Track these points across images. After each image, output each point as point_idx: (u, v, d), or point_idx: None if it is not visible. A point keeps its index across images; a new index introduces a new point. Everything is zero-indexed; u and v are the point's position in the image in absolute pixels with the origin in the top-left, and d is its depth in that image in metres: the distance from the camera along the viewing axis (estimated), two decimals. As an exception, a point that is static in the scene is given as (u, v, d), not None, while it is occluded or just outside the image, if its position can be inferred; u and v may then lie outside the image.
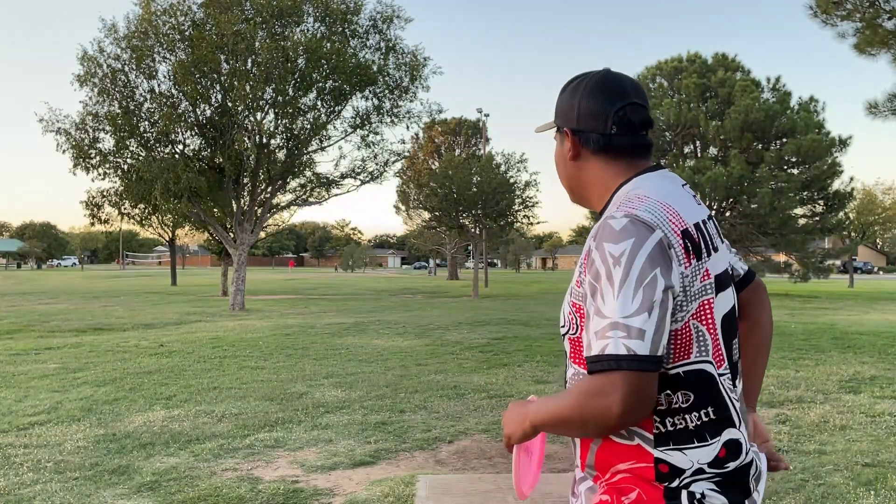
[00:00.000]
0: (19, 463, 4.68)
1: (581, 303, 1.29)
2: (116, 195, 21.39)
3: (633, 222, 1.21)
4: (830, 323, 14.73)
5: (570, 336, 1.35)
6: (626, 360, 1.13)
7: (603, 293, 1.18)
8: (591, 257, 1.23)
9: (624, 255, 1.19)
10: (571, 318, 1.33)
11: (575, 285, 1.32)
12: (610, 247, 1.20)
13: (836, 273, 48.08)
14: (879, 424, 5.64)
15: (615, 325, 1.15)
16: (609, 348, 1.14)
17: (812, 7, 11.99)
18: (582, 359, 1.32)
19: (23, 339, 12.37)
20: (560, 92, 1.46)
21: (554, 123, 1.47)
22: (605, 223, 1.24)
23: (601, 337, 1.16)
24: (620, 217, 1.23)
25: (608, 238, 1.21)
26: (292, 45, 18.89)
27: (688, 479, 1.25)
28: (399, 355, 9.84)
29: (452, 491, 4.09)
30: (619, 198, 1.34)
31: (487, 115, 42.84)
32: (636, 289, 1.16)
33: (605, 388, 1.14)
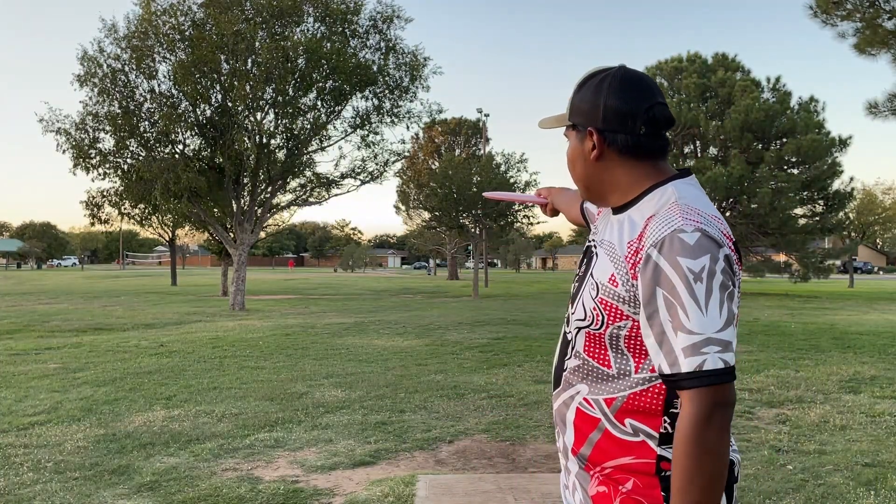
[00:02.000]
0: (19, 463, 4.68)
1: (615, 302, 1.30)
2: (116, 195, 21.36)
3: (704, 237, 1.22)
4: (830, 323, 14.73)
5: (589, 330, 1.36)
6: (727, 374, 1.18)
7: (686, 308, 1.19)
8: (658, 269, 1.22)
9: (704, 271, 1.19)
10: (597, 315, 1.33)
11: (608, 282, 1.31)
12: (687, 262, 1.20)
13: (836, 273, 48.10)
14: (879, 424, 5.64)
15: (709, 340, 1.17)
16: (708, 364, 1.17)
17: (812, 7, 12.00)
18: (598, 353, 1.35)
19: (23, 339, 12.37)
20: (577, 88, 1.42)
21: (568, 121, 1.43)
22: (675, 237, 1.21)
23: (694, 353, 1.18)
24: (692, 231, 1.22)
25: (683, 253, 1.20)
26: (292, 45, 18.89)
27: None
28: (399, 355, 9.84)
29: (452, 491, 4.09)
30: (663, 202, 1.31)
31: (487, 115, 42.82)
32: (721, 303, 1.19)
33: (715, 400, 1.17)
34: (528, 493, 4.05)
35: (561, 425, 1.44)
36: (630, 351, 1.32)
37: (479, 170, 28.78)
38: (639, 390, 1.31)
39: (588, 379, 1.37)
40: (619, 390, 1.33)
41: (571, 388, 1.40)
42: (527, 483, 4.25)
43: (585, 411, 1.37)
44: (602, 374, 1.35)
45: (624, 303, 1.29)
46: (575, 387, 1.40)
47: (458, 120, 52.27)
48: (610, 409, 1.33)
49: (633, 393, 1.31)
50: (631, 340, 1.31)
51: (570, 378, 1.41)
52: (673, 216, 1.26)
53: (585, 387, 1.37)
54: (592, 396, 1.36)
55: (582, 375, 1.39)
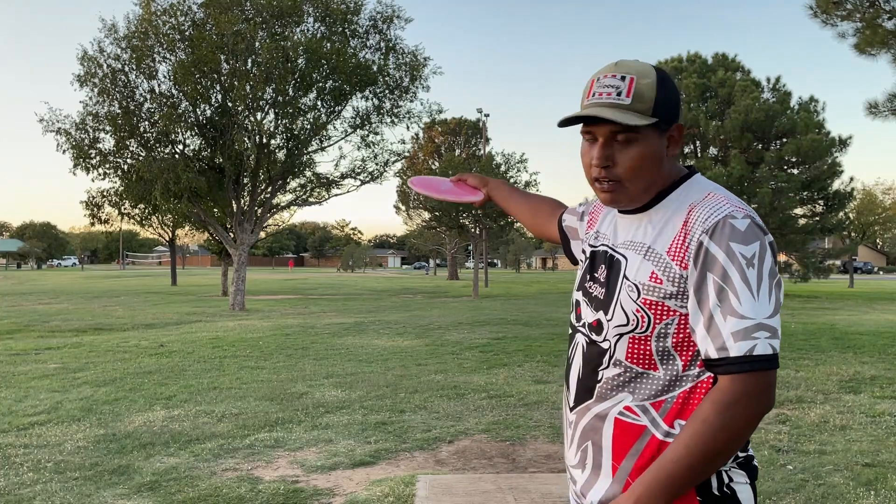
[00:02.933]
0: (19, 463, 4.68)
1: (660, 300, 1.27)
2: (116, 195, 21.39)
3: (754, 224, 1.22)
4: (830, 323, 14.73)
5: (634, 335, 1.31)
6: (775, 360, 1.19)
7: (738, 293, 1.19)
8: (709, 255, 1.22)
9: (755, 257, 1.20)
10: (642, 317, 1.29)
11: (650, 281, 1.28)
12: (740, 248, 1.20)
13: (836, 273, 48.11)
14: (879, 424, 5.64)
15: (760, 325, 1.18)
16: (758, 349, 1.18)
17: (812, 7, 12.00)
18: (643, 357, 1.31)
19: (23, 339, 12.37)
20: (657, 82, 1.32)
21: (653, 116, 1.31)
22: (727, 223, 1.22)
23: (745, 338, 1.18)
24: (741, 217, 1.22)
25: (735, 238, 1.21)
26: (292, 46, 18.89)
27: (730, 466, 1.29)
28: (399, 355, 9.84)
29: (452, 491, 4.09)
30: (700, 192, 1.31)
31: (487, 115, 42.81)
32: (770, 290, 1.20)
33: (758, 388, 1.18)
34: (528, 493, 4.05)
35: (591, 440, 1.36)
36: (677, 350, 1.29)
37: (479, 170, 28.77)
38: (688, 388, 1.28)
39: (630, 386, 1.32)
40: (667, 392, 1.29)
41: (610, 398, 1.34)
42: (527, 483, 4.25)
43: (628, 420, 1.32)
44: (648, 378, 1.31)
45: (671, 298, 1.27)
46: (616, 397, 1.33)
47: (458, 120, 52.27)
48: (659, 412, 1.29)
49: (683, 392, 1.28)
50: (679, 337, 1.28)
51: (608, 388, 1.35)
52: (720, 203, 1.26)
53: (628, 395, 1.32)
54: (637, 403, 1.31)
55: (623, 383, 1.33)
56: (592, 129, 1.33)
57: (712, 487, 1.27)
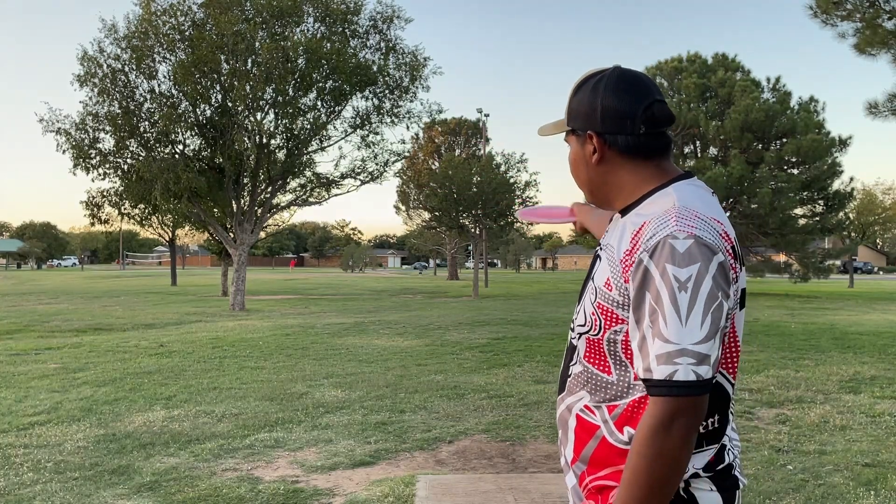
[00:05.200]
0: (19, 463, 4.68)
1: (610, 307, 1.28)
2: (116, 195, 21.39)
3: (697, 244, 1.19)
4: (830, 323, 14.73)
5: (589, 336, 1.34)
6: (697, 387, 1.17)
7: (666, 317, 1.18)
8: (647, 275, 1.21)
9: (690, 281, 1.18)
10: (595, 320, 1.32)
11: (604, 287, 1.30)
12: (674, 269, 1.18)
13: (836, 273, 48.09)
14: (879, 424, 5.64)
15: (683, 351, 1.16)
16: (679, 374, 1.16)
17: (812, 7, 11.99)
18: (597, 359, 1.34)
19: (23, 339, 12.37)
20: (573, 92, 1.40)
21: (566, 125, 1.41)
22: (666, 243, 1.20)
23: (667, 362, 1.17)
24: (683, 238, 1.20)
25: (672, 260, 1.19)
26: (292, 46, 18.88)
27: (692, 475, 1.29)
28: (399, 355, 9.84)
29: (452, 491, 4.09)
30: (662, 205, 1.28)
31: (487, 115, 42.85)
32: (704, 315, 1.17)
33: (673, 413, 1.17)
34: (528, 493, 4.05)
35: (563, 431, 1.42)
36: (627, 357, 1.30)
37: (479, 170, 28.76)
38: (638, 397, 1.29)
39: (589, 385, 1.36)
40: (620, 397, 1.31)
41: (574, 394, 1.39)
42: (527, 483, 4.25)
43: (586, 418, 1.36)
44: (603, 381, 1.33)
45: (619, 307, 1.27)
46: (577, 393, 1.38)
47: (457, 120, 52.26)
48: (611, 416, 1.32)
49: (634, 400, 1.29)
50: (628, 345, 1.29)
51: (574, 384, 1.40)
52: (668, 221, 1.23)
53: (587, 394, 1.36)
54: (594, 403, 1.34)
55: (583, 382, 1.37)
56: None
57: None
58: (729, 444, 1.34)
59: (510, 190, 29.11)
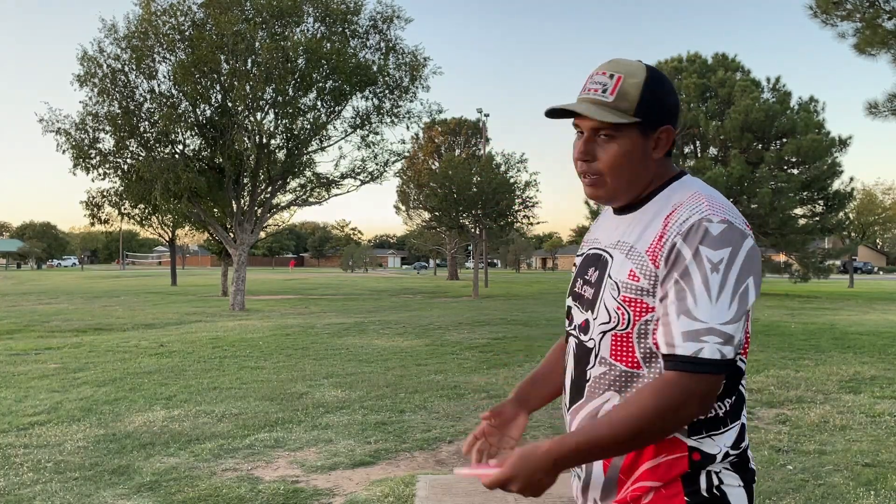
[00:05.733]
0: (19, 463, 4.68)
1: (639, 297, 1.28)
2: (116, 195, 21.38)
3: (730, 228, 1.23)
4: (830, 323, 14.73)
5: (616, 332, 1.32)
6: (721, 365, 1.20)
7: (696, 295, 1.21)
8: (680, 256, 1.23)
9: (723, 263, 1.21)
10: (622, 314, 1.31)
11: (628, 279, 1.30)
12: (707, 251, 1.22)
13: (836, 273, 48.08)
14: (879, 424, 5.64)
15: (711, 330, 1.19)
16: (705, 352, 1.19)
17: (812, 7, 12.00)
18: (626, 356, 1.32)
19: (23, 339, 12.37)
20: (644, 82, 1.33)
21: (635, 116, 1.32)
22: (701, 225, 1.23)
23: (694, 339, 1.20)
24: (717, 222, 1.23)
25: (705, 242, 1.22)
26: (292, 45, 18.89)
27: (715, 465, 1.29)
28: (399, 355, 9.84)
29: (452, 491, 4.09)
30: (684, 192, 1.32)
31: (487, 115, 42.85)
32: (733, 297, 1.21)
33: (693, 389, 1.20)
34: (528, 493, 4.05)
35: None
36: (658, 347, 1.30)
37: (479, 170, 28.76)
38: None
39: (617, 384, 1.33)
40: None
41: (598, 397, 1.35)
42: (527, 483, 4.24)
43: None
44: (632, 376, 1.32)
45: (647, 295, 1.28)
46: (603, 395, 1.35)
47: (457, 120, 52.25)
48: None
49: None
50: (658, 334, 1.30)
51: (596, 387, 1.36)
52: (699, 205, 1.27)
53: (614, 393, 1.33)
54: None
55: (609, 382, 1.34)
56: (579, 123, 1.37)
57: (701, 488, 1.27)
58: (746, 422, 1.37)
59: (510, 190, 29.10)
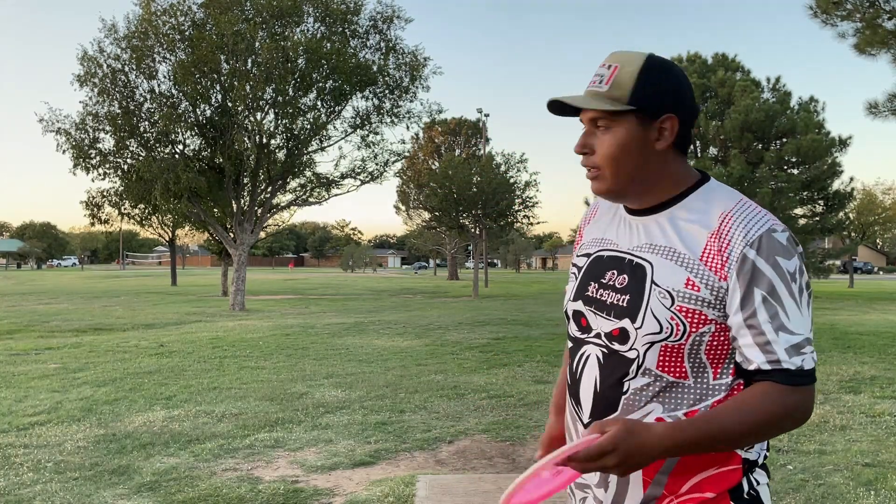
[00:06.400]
0: (19, 463, 4.68)
1: (697, 308, 1.24)
2: (116, 195, 21.39)
3: (792, 237, 1.24)
4: (830, 323, 14.73)
5: (668, 342, 1.25)
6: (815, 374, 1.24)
7: (787, 309, 1.21)
8: (757, 269, 1.21)
9: (797, 272, 1.23)
10: (677, 325, 1.24)
11: (685, 287, 1.24)
12: (784, 262, 1.22)
13: (836, 273, 48.09)
14: (879, 424, 5.64)
15: (808, 340, 1.23)
16: (807, 363, 1.22)
17: (812, 7, 12.00)
18: (675, 366, 1.27)
19: (23, 339, 12.37)
20: (640, 70, 1.29)
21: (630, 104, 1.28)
22: (771, 236, 1.22)
23: (797, 353, 1.21)
24: (782, 231, 1.24)
25: (780, 253, 1.22)
26: (292, 45, 18.89)
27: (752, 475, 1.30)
28: (399, 355, 9.84)
29: (452, 491, 4.09)
30: (724, 200, 1.29)
31: (487, 115, 42.86)
32: (808, 304, 1.24)
33: (809, 401, 1.23)
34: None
35: None
36: (709, 359, 1.27)
37: (479, 170, 28.76)
38: (721, 397, 1.26)
39: (661, 396, 1.27)
40: (700, 401, 1.27)
41: (638, 410, 1.28)
42: (527, 483, 4.24)
43: None
44: (679, 387, 1.27)
45: (708, 306, 1.23)
46: (644, 408, 1.28)
47: (458, 120, 52.25)
48: None
49: (715, 402, 1.26)
50: (712, 346, 1.26)
51: (636, 399, 1.28)
52: (759, 214, 1.26)
53: (658, 405, 1.27)
54: (669, 413, 1.27)
55: (653, 394, 1.28)
56: (581, 116, 1.35)
57: (744, 491, 1.28)
58: None
59: (510, 190, 29.11)
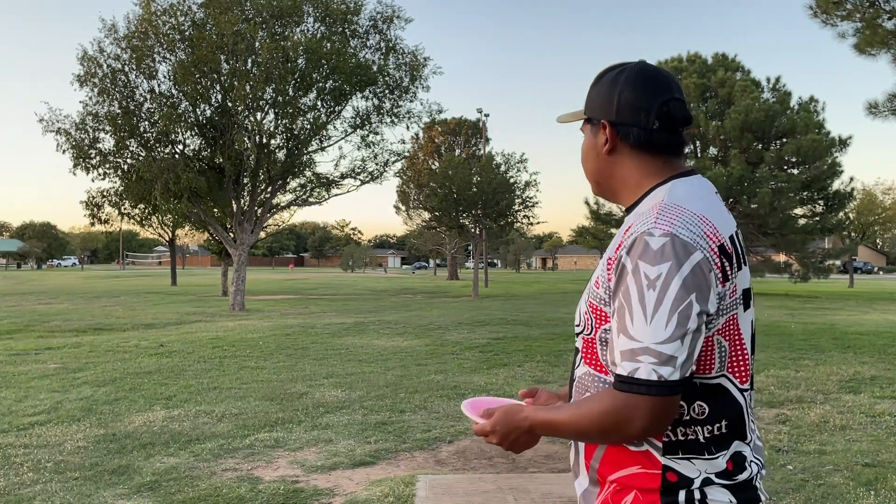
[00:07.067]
0: (19, 463, 4.68)
1: (599, 305, 1.29)
2: (116, 195, 21.40)
3: (672, 242, 1.17)
4: (830, 323, 14.73)
5: (584, 336, 1.34)
6: (657, 387, 1.15)
7: (632, 314, 1.17)
8: (623, 271, 1.21)
9: (660, 280, 1.16)
10: (587, 319, 1.32)
11: (594, 286, 1.31)
12: (646, 267, 1.17)
13: (836, 273, 48.10)
14: (879, 424, 5.64)
15: (646, 350, 1.15)
16: (640, 373, 1.15)
17: (812, 7, 11.99)
18: (594, 360, 1.32)
19: (23, 339, 12.36)
20: (594, 82, 1.40)
21: (584, 114, 1.41)
22: (642, 239, 1.19)
23: (630, 359, 1.17)
24: (659, 235, 1.18)
25: (644, 258, 1.18)
26: (292, 45, 18.89)
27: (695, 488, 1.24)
28: (399, 355, 9.84)
29: (452, 491, 4.09)
30: (653, 202, 1.28)
31: (487, 115, 42.91)
32: (670, 315, 1.15)
33: (630, 409, 1.16)
34: (528, 493, 4.05)
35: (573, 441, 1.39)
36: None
37: (479, 170, 28.76)
38: None
39: (591, 386, 1.33)
40: None
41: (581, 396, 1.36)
42: (527, 483, 4.25)
43: None
44: (601, 380, 1.31)
45: (606, 304, 1.28)
46: (584, 395, 1.35)
47: (458, 120, 52.23)
48: None
49: None
50: None
51: (579, 388, 1.36)
52: (649, 218, 1.23)
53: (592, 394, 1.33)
54: None
55: (587, 385, 1.34)
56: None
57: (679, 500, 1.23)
58: (750, 455, 1.30)
59: (510, 190, 29.10)
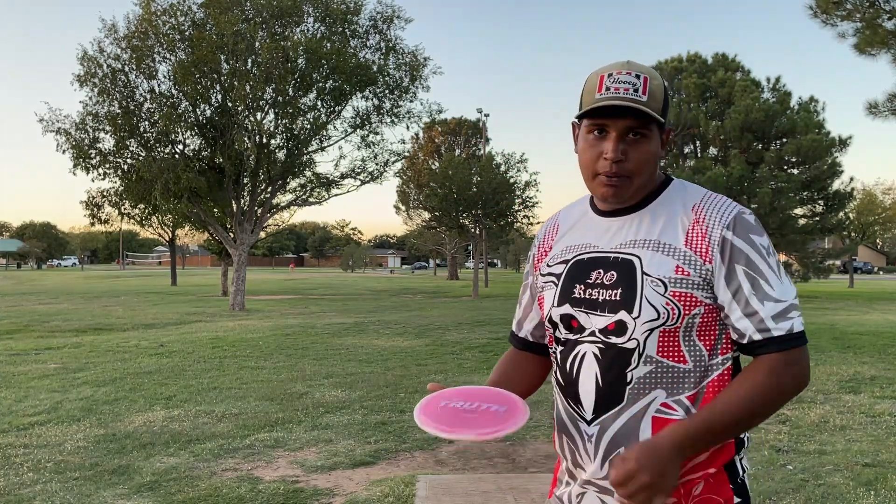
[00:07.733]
0: (19, 463, 4.68)
1: (688, 291, 1.32)
2: (116, 195, 21.41)
3: (757, 219, 1.36)
4: (830, 323, 14.73)
5: (665, 328, 1.31)
6: (806, 334, 1.33)
7: (768, 279, 1.31)
8: (735, 248, 1.31)
9: (770, 247, 1.34)
10: (672, 309, 1.31)
11: (675, 274, 1.31)
12: (759, 239, 1.33)
13: (836, 273, 48.08)
14: (879, 424, 5.64)
15: (792, 306, 1.31)
16: (796, 326, 1.30)
17: (812, 7, 12.00)
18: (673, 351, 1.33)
19: (23, 339, 12.36)
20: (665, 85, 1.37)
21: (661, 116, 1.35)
22: (741, 217, 1.33)
23: (784, 318, 1.30)
24: (749, 214, 1.35)
25: (754, 231, 1.33)
26: (292, 45, 18.89)
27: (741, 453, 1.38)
28: (399, 355, 9.84)
29: (452, 491, 4.09)
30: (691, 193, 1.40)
31: (487, 115, 42.92)
32: (786, 273, 1.34)
33: (806, 359, 1.31)
34: (528, 493, 4.05)
35: (626, 446, 1.31)
36: (701, 339, 1.34)
37: (479, 170, 28.76)
38: (715, 377, 1.34)
39: (663, 381, 1.32)
40: (698, 383, 1.33)
41: (643, 398, 1.32)
42: (527, 483, 4.25)
43: (666, 417, 1.32)
44: (679, 371, 1.32)
45: (698, 289, 1.32)
46: (649, 395, 1.32)
47: (458, 120, 52.20)
48: (693, 404, 1.32)
49: (711, 381, 1.34)
50: (702, 327, 1.34)
51: (640, 388, 1.32)
52: (727, 202, 1.36)
53: (662, 391, 1.32)
54: (672, 398, 1.32)
55: (655, 381, 1.32)
56: (607, 122, 1.33)
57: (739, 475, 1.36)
58: None
59: (510, 190, 29.10)
